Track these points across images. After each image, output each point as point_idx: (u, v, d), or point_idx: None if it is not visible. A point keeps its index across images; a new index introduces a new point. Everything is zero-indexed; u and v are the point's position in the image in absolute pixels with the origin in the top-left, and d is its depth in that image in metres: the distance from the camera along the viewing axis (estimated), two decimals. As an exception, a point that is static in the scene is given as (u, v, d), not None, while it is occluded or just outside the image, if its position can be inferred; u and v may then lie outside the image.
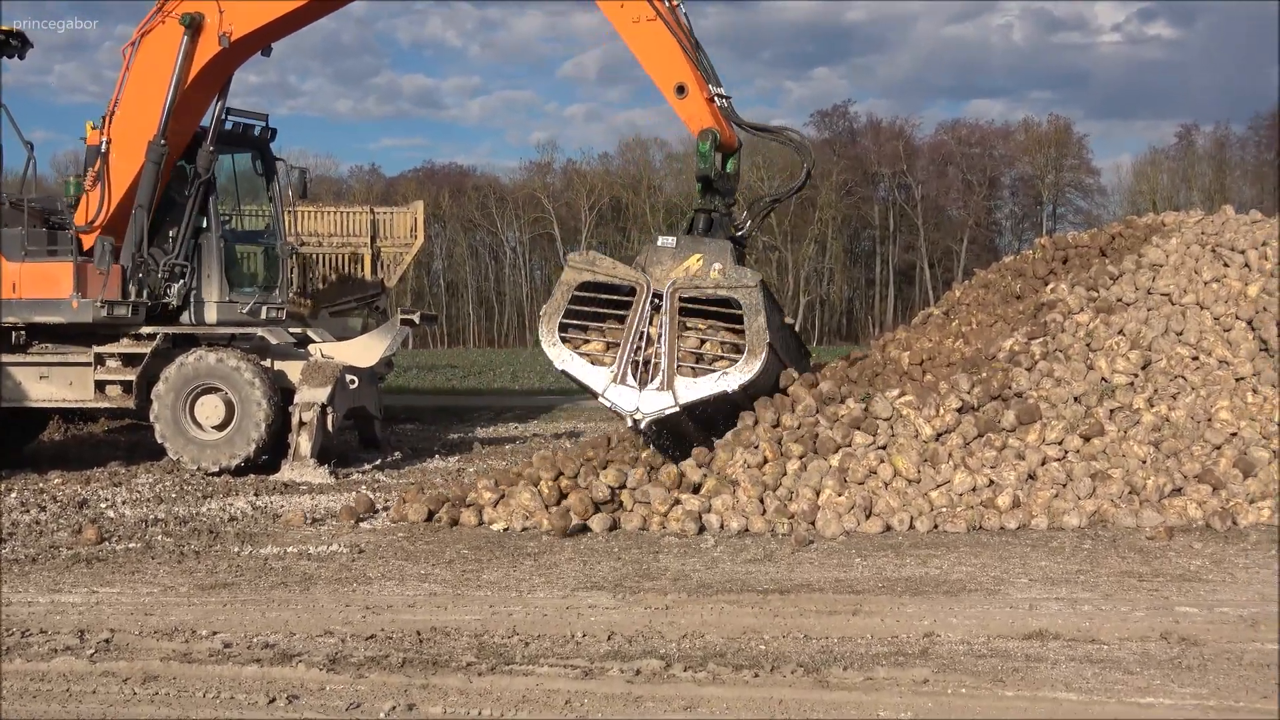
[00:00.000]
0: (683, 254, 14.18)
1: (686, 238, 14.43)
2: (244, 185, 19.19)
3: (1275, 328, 14.80)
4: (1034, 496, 12.70)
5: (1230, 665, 7.63)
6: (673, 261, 14.17)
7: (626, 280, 14.12)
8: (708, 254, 14.11)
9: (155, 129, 17.01)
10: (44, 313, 17.16)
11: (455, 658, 7.84)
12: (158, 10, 17.08)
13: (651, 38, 14.86)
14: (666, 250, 14.26)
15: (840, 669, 7.54)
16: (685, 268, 14.01)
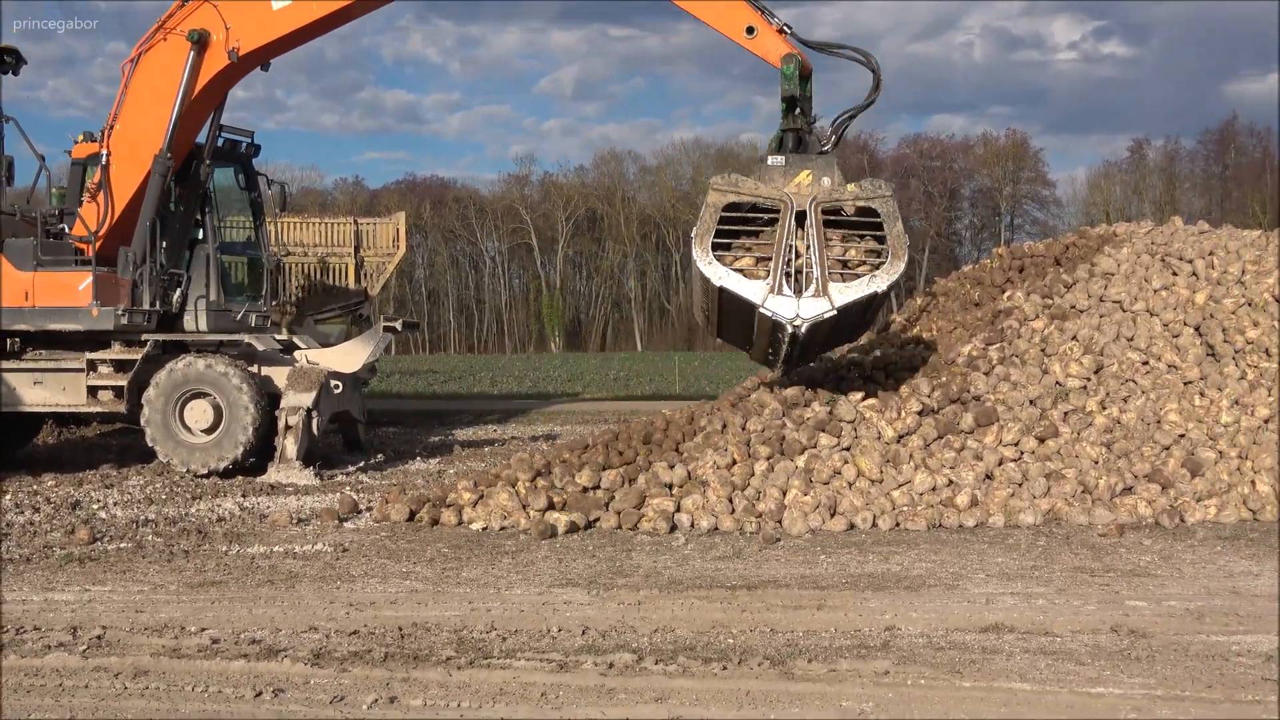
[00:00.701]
0: (793, 170, 14.17)
1: (793, 155, 14.36)
2: (229, 198, 19.20)
3: (1220, 333, 14.90)
4: (991, 495, 12.76)
5: (1177, 656, 7.68)
6: (784, 179, 14.15)
7: (770, 199, 14.01)
8: (815, 169, 14.17)
9: (158, 142, 16.98)
10: (63, 320, 17.09)
11: (435, 652, 7.84)
12: (159, 28, 17.07)
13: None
14: (777, 169, 14.21)
15: (805, 661, 7.57)
16: (798, 183, 14.04)
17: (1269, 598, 9.29)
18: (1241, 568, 10.43)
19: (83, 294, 16.96)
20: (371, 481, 16.51)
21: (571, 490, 13.15)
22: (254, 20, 16.89)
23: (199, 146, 17.86)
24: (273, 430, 16.90)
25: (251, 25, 16.91)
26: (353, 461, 18.32)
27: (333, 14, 17.02)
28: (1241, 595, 9.38)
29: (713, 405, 16.52)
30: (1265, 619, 8.61)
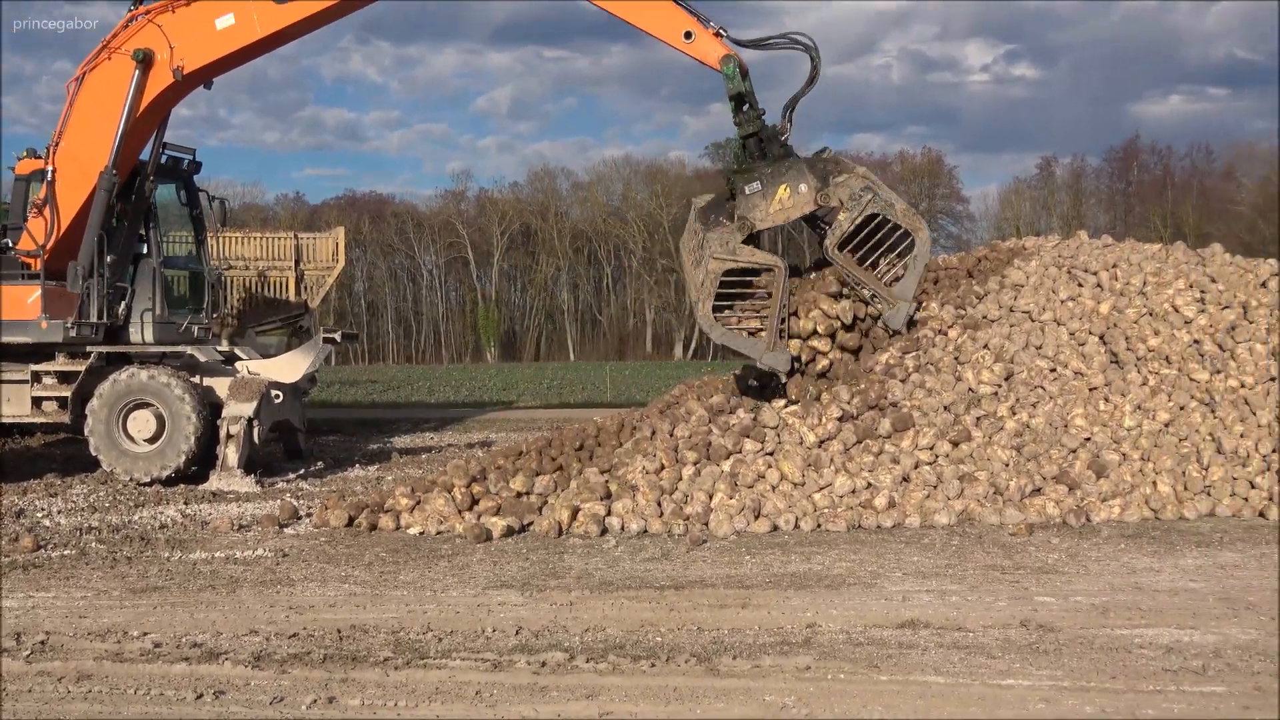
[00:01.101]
0: (770, 189, 14.78)
1: (764, 174, 14.89)
2: (171, 213, 19.03)
3: (1124, 342, 15.10)
4: (907, 497, 12.85)
5: (1083, 649, 7.78)
6: (765, 201, 14.80)
7: (765, 263, 14.67)
8: (789, 179, 14.79)
9: (103, 159, 16.78)
10: (12, 333, 16.84)
11: (373, 653, 7.80)
12: (103, 48, 16.91)
13: (646, 6, 15.58)
14: (756, 194, 14.83)
15: (730, 658, 7.59)
16: (778, 200, 14.68)
17: (1169, 593, 9.43)
18: (1144, 564, 10.57)
19: (31, 307, 16.74)
20: (311, 488, 16.39)
21: (506, 495, 13.12)
22: (198, 39, 16.77)
23: (142, 163, 17.70)
24: (214, 439, 16.76)
25: (195, 44, 16.79)
26: (293, 469, 18.20)
27: (275, 34, 16.93)
28: (1144, 591, 9.51)
29: (642, 412, 16.55)
30: (1166, 613, 8.74)
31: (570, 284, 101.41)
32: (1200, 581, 9.84)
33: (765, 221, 15.04)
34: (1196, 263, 17.25)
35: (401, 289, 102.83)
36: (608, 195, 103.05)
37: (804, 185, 14.78)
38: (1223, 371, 14.78)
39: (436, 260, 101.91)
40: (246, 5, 16.64)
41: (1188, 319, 15.63)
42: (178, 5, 16.76)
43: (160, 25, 16.74)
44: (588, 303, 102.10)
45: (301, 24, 16.98)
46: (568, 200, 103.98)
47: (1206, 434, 13.94)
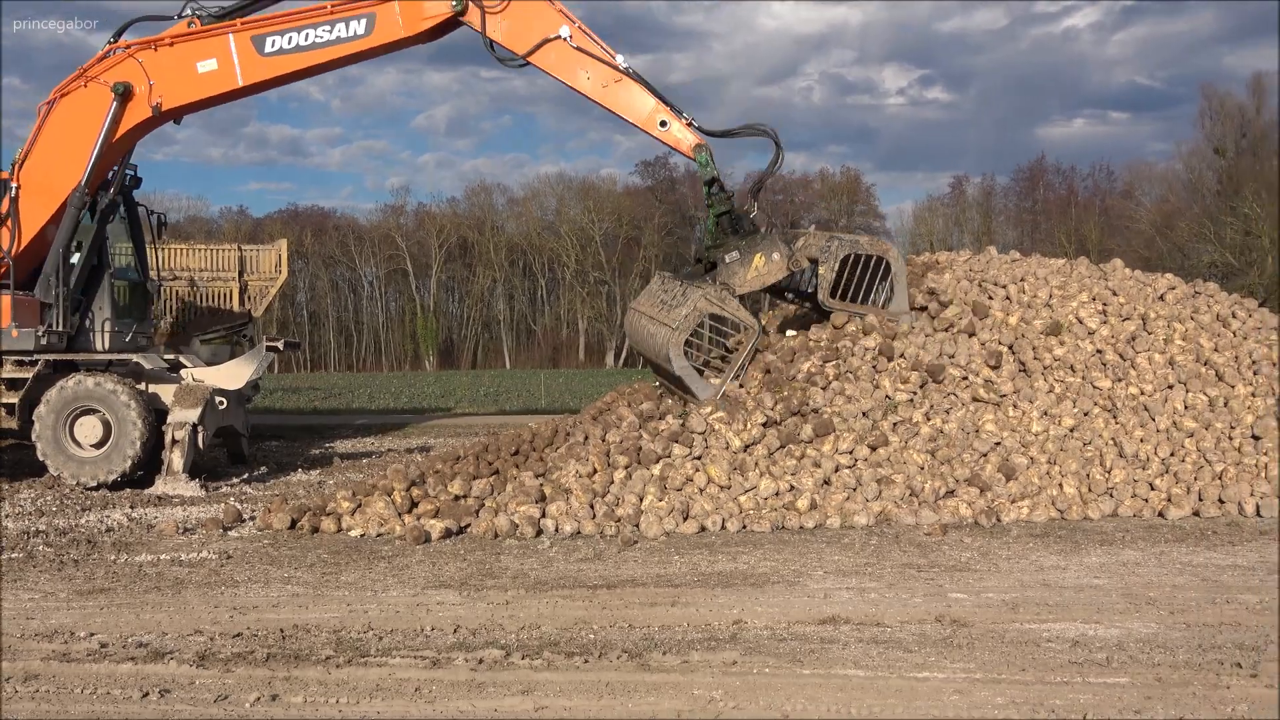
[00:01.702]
0: (747, 258, 15.60)
1: (741, 245, 15.73)
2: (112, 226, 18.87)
3: (1031, 351, 15.27)
4: (829, 499, 12.92)
5: (994, 643, 7.85)
6: (743, 268, 15.59)
7: (743, 321, 15.28)
8: (763, 249, 15.61)
9: (73, 180, 16.76)
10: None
11: (315, 652, 7.72)
12: (79, 75, 16.82)
13: (624, 94, 16.22)
14: (736, 262, 15.65)
15: (660, 654, 7.59)
16: (755, 268, 15.50)
17: (1075, 589, 9.54)
18: (1051, 562, 10.69)
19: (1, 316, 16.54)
20: (255, 492, 16.21)
21: (444, 499, 13.04)
22: (178, 80, 16.74)
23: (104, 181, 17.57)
24: (160, 445, 16.58)
25: (175, 84, 16.76)
26: (237, 474, 18.00)
27: (255, 84, 16.86)
28: (1051, 587, 9.62)
29: (575, 419, 16.50)
30: (1072, 608, 8.84)
31: (506, 295, 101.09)
32: (1104, 578, 9.97)
33: (744, 287, 15.65)
34: (1099, 277, 17.48)
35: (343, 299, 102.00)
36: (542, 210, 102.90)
37: (776, 254, 15.58)
38: (1124, 380, 14.98)
39: (377, 272, 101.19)
40: (230, 53, 16.56)
41: (1091, 330, 15.83)
42: (160, 44, 16.66)
43: (141, 61, 16.62)
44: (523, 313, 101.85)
45: (283, 76, 16.91)
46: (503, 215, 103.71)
47: (1109, 439, 14.13)
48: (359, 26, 16.56)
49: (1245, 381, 15.07)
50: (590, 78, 16.20)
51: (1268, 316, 16.94)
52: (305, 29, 16.53)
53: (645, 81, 16.28)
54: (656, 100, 16.24)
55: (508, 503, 12.78)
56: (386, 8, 16.50)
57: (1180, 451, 14.01)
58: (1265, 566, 10.46)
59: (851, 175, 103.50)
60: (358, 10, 16.52)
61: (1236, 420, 14.46)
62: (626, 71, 16.21)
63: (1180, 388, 14.90)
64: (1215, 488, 13.43)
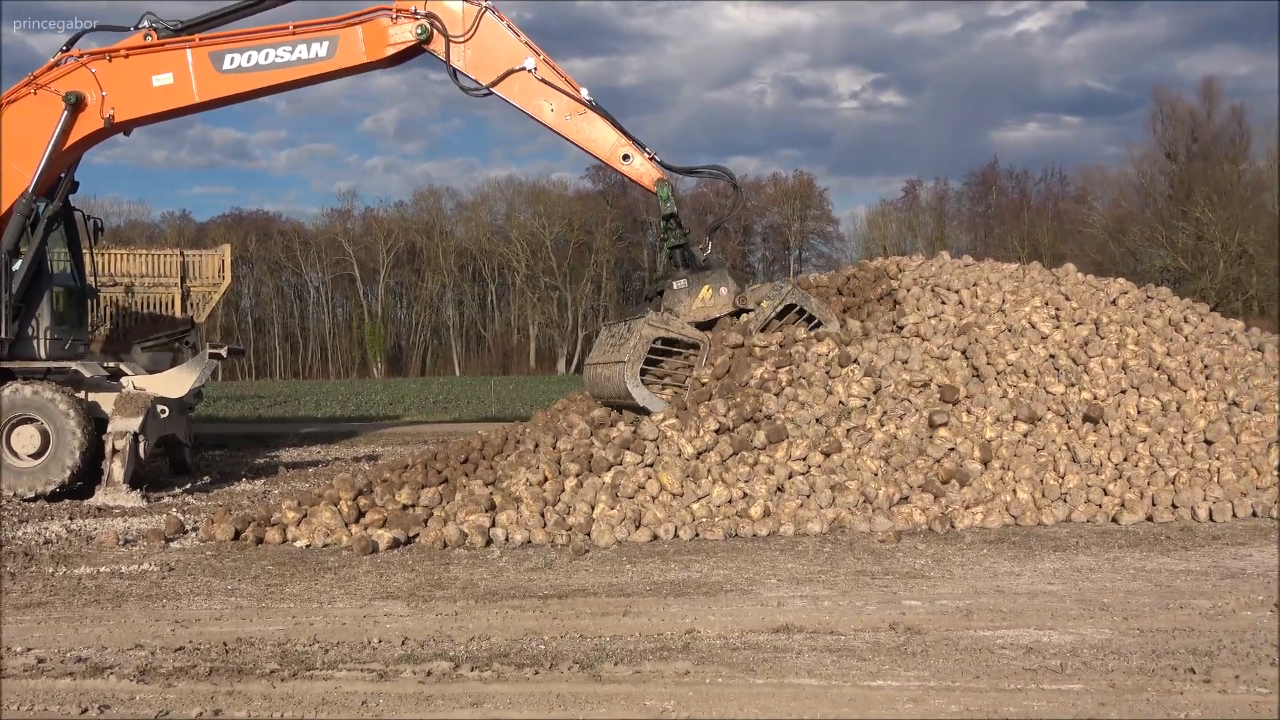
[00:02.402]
0: (695, 288, 15.98)
1: (691, 275, 16.12)
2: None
3: (984, 356, 15.37)
4: (782, 507, 12.94)
5: (949, 650, 7.88)
6: (690, 297, 15.96)
7: (693, 338, 15.54)
8: (712, 282, 16.00)
9: (19, 185, 16.64)
10: None
11: (259, 665, 7.64)
12: (28, 83, 16.69)
13: (587, 126, 16.46)
14: (683, 289, 16.02)
15: (612, 664, 7.57)
16: (701, 299, 15.87)
17: (1029, 595, 9.60)
18: (1005, 568, 10.75)
19: None
20: (198, 503, 16.07)
21: (392, 508, 12.98)
22: (132, 93, 16.64)
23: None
24: (100, 454, 16.38)
25: (129, 97, 16.66)
26: (179, 484, 17.84)
27: (211, 100, 16.76)
28: (1005, 594, 9.67)
29: (526, 426, 16.48)
30: (1026, 615, 8.89)
31: (455, 301, 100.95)
32: (1058, 584, 10.04)
33: (687, 315, 15.85)
34: (1052, 281, 17.65)
35: (288, 305, 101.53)
36: (492, 215, 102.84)
37: (724, 289, 15.98)
38: (1077, 384, 15.11)
39: (323, 278, 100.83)
40: (186, 68, 16.45)
41: (1044, 335, 15.98)
42: (116, 55, 16.51)
43: (94, 71, 16.47)
44: (472, 319, 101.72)
45: (240, 95, 16.83)
46: (452, 219, 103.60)
47: (1062, 444, 14.24)
48: (320, 49, 16.50)
49: (1197, 386, 15.24)
50: (554, 109, 16.37)
51: (1219, 321, 17.17)
52: (265, 48, 16.47)
53: (608, 114, 16.47)
54: (619, 133, 16.53)
55: (457, 512, 12.72)
56: (349, 32, 16.44)
57: (1133, 457, 14.14)
58: (1218, 571, 10.57)
59: (804, 180, 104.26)
60: (320, 33, 16.47)
61: (1189, 425, 14.61)
62: (590, 104, 16.37)
63: (1133, 392, 15.05)
64: (1168, 493, 13.56)
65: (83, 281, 18.91)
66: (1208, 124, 72.79)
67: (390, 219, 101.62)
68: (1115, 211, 75.14)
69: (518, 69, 16.29)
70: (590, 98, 16.42)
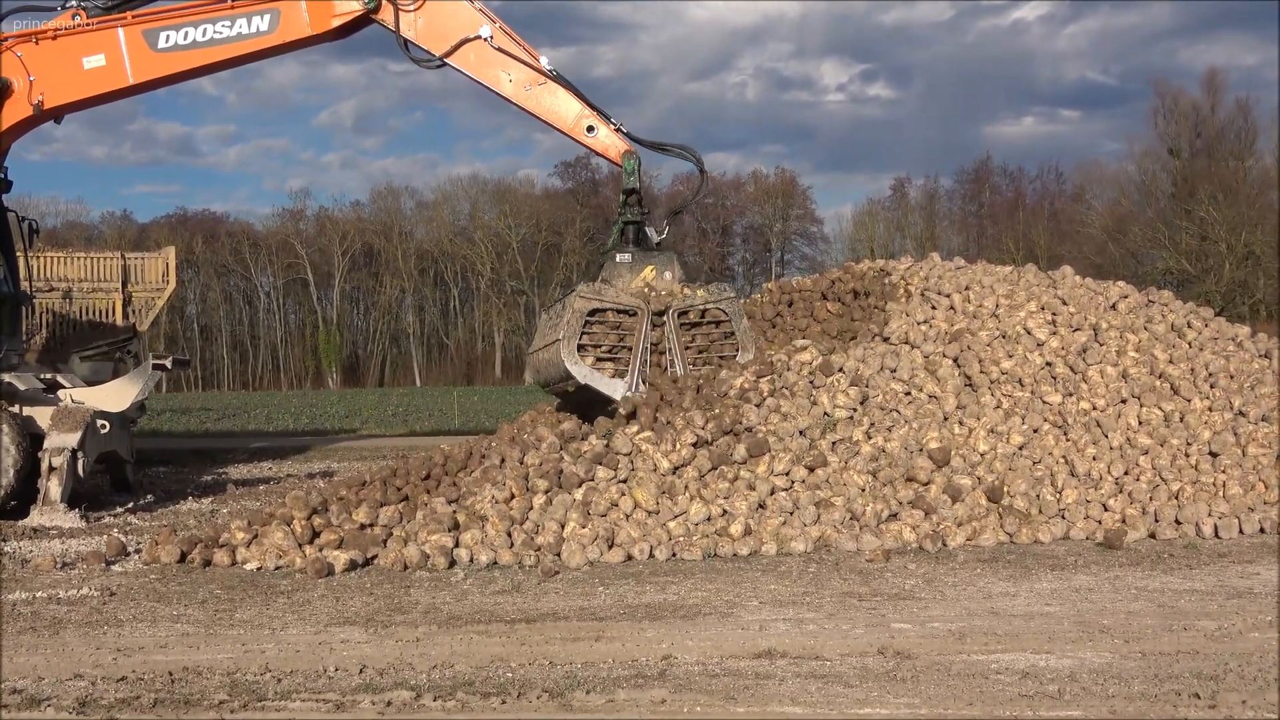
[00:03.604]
0: (638, 266, 16.07)
1: (638, 252, 16.26)
2: None
3: (977, 365, 15.45)
4: (764, 524, 12.97)
5: (940, 676, 7.91)
6: (630, 274, 16.04)
7: (629, 305, 15.71)
8: (658, 264, 16.14)
9: None
10: None
11: (208, 696, 7.62)
12: None
13: (548, 97, 16.62)
14: (625, 264, 16.08)
15: (584, 693, 7.58)
16: (643, 278, 15.96)
17: (1025, 617, 9.65)
18: (1000, 589, 10.81)
19: None
20: (141, 523, 16.01)
21: (349, 528, 12.95)
22: (62, 77, 16.58)
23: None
24: (35, 472, 16.25)
25: (59, 81, 16.61)
26: (121, 503, 17.77)
27: (146, 82, 16.70)
28: (1000, 615, 9.72)
29: (491, 440, 16.45)
30: (1022, 638, 8.94)
31: (416, 306, 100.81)
32: (1055, 605, 10.09)
33: (624, 290, 15.89)
34: (1048, 285, 17.75)
35: (237, 312, 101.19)
36: (454, 215, 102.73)
37: (669, 274, 16.09)
38: (1075, 394, 15.20)
39: (274, 282, 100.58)
40: (119, 48, 16.40)
41: (1040, 341, 16.06)
42: (43, 37, 16.41)
43: (20, 55, 16.36)
44: (434, 326, 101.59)
45: (178, 74, 16.79)
46: (413, 220, 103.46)
47: (1060, 457, 14.32)
48: (262, 23, 16.49)
49: (1201, 395, 15.35)
50: (512, 80, 16.50)
51: (1224, 326, 17.28)
52: (203, 24, 16.44)
53: (570, 84, 16.58)
54: (583, 104, 16.58)
55: (418, 531, 12.70)
56: (292, 4, 16.45)
57: (1134, 470, 14.24)
58: (1224, 591, 10.65)
59: (787, 177, 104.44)
60: (261, 6, 16.46)
61: (1193, 436, 14.71)
62: (551, 74, 16.47)
63: (1134, 402, 15.15)
64: (1171, 508, 13.65)
65: (16, 287, 18.74)
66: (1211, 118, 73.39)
67: (346, 219, 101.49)
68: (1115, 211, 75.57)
69: (473, 38, 16.44)
70: (552, 68, 16.53)
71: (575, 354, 15.34)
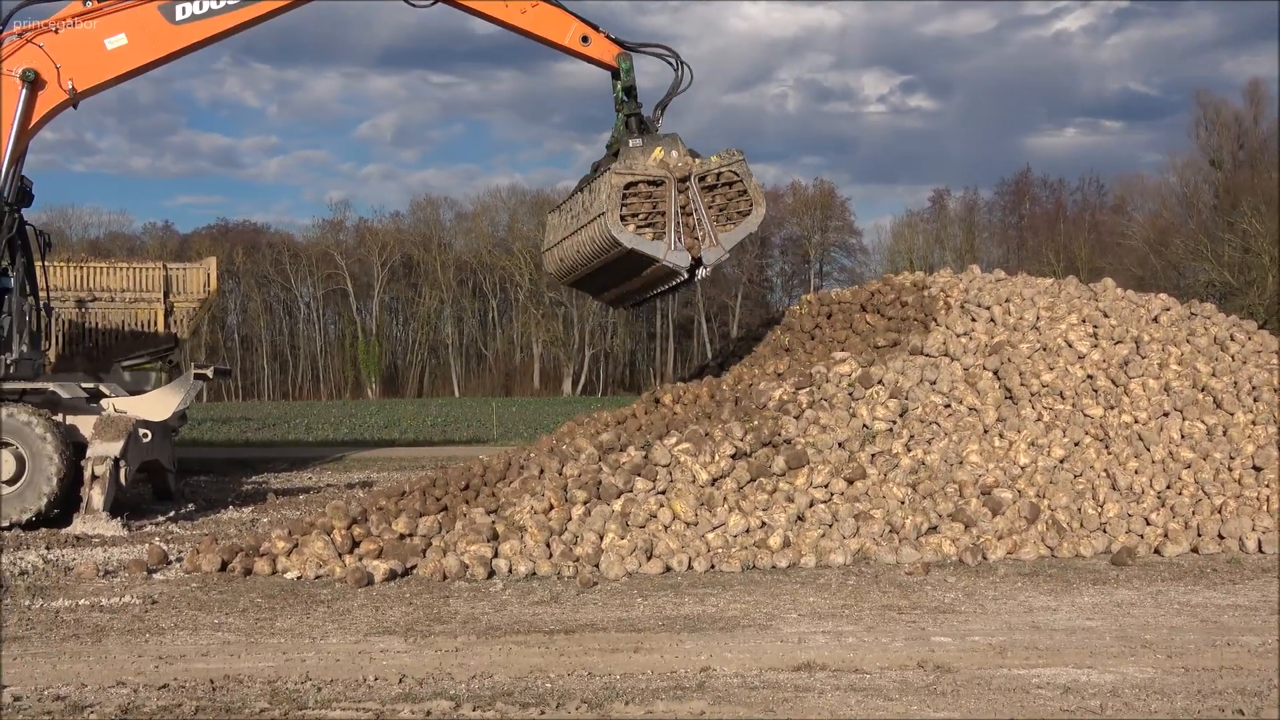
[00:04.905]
0: (649, 148, 17.23)
1: (646, 136, 17.47)
2: None
3: (1017, 377, 15.38)
4: (803, 536, 12.95)
5: (981, 690, 7.88)
6: (643, 155, 17.19)
7: (658, 175, 16.89)
8: (664, 145, 17.26)
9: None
10: None
11: (248, 704, 7.66)
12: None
13: (542, 16, 17.60)
14: (638, 148, 17.28)
15: (622, 704, 7.58)
16: (654, 157, 17.11)
17: (1067, 632, 9.60)
18: (1041, 603, 10.75)
19: None
20: (182, 531, 16.10)
21: (388, 537, 12.99)
22: (88, 60, 16.82)
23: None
24: (78, 480, 16.38)
25: (85, 65, 16.83)
26: (162, 511, 17.86)
27: (170, 55, 17.08)
28: (1041, 629, 9.67)
29: (530, 450, 16.49)
30: (1063, 652, 8.89)
31: (454, 317, 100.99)
32: (1097, 620, 10.03)
33: (641, 171, 17.09)
34: (1089, 297, 17.67)
35: (277, 322, 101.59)
36: (493, 226, 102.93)
37: (675, 152, 17.19)
38: (1116, 407, 15.12)
39: (314, 292, 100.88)
40: (139, 27, 16.71)
41: (1081, 354, 15.99)
42: (62, 25, 16.60)
43: (42, 45, 16.56)
44: (473, 337, 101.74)
45: (200, 42, 17.05)
46: (451, 231, 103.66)
47: (1101, 470, 14.24)
48: None
49: (1245, 409, 15.23)
50: (508, 4, 17.36)
51: (1268, 339, 17.15)
52: None
53: (559, 2, 17.53)
54: (574, 16, 17.69)
55: (457, 542, 12.74)
56: None
57: (1177, 484, 14.14)
58: (1268, 606, 10.56)
59: (826, 189, 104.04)
60: None
61: (1236, 450, 14.61)
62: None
63: (1176, 415, 15.05)
64: (1214, 522, 13.55)
65: (37, 297, 18.89)
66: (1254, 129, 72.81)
67: (385, 230, 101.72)
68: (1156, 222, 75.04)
69: None
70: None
71: (619, 223, 16.51)
